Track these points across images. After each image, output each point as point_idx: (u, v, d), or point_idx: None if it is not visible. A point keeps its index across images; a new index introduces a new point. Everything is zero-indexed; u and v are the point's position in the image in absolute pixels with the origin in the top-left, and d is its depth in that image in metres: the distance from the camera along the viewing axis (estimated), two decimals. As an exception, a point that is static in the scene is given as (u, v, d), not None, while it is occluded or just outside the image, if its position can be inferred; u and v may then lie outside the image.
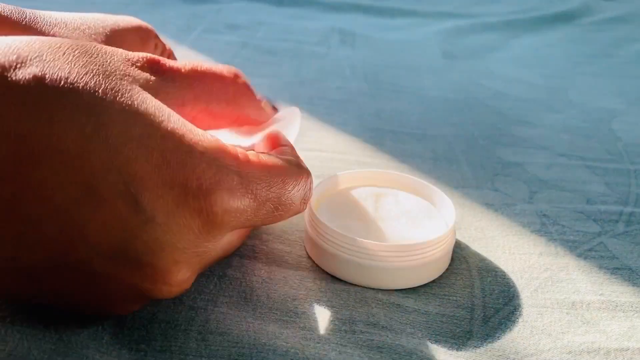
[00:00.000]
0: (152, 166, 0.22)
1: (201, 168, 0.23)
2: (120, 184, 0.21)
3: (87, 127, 0.21)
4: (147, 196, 0.22)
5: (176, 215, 0.23)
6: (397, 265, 0.31)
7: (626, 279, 0.34)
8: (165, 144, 0.22)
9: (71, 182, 0.21)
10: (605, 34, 0.88)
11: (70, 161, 0.21)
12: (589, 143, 0.52)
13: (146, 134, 0.22)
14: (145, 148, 0.22)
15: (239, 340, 0.27)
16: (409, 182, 0.38)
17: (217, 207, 0.24)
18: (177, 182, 0.22)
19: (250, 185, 0.25)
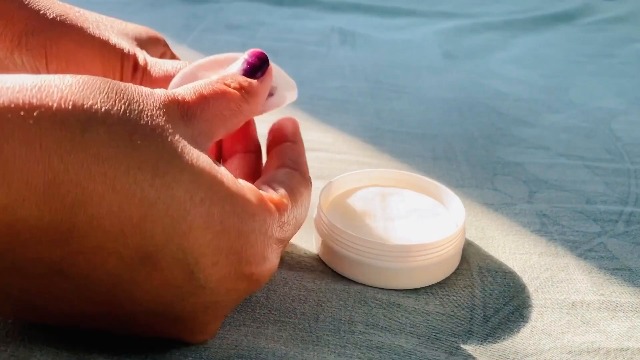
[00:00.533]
0: (212, 234, 0.22)
1: (254, 236, 0.24)
2: (178, 252, 0.21)
3: (150, 192, 0.20)
4: (204, 264, 0.22)
5: (227, 280, 0.23)
6: (410, 265, 0.31)
7: (626, 279, 0.34)
8: (224, 209, 0.22)
9: (128, 249, 0.20)
10: (605, 34, 0.88)
11: (130, 229, 0.20)
12: (589, 143, 0.52)
13: (208, 199, 0.22)
14: (207, 215, 0.22)
15: (238, 343, 0.27)
16: (414, 180, 0.38)
17: (265, 271, 0.25)
18: (233, 250, 0.23)
19: (286, 240, 0.27)
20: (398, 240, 0.33)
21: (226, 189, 0.23)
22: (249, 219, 0.23)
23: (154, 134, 0.21)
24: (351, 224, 0.34)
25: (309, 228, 0.37)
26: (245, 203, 0.23)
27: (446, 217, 0.35)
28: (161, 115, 0.22)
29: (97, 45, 0.30)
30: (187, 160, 0.22)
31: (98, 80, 0.22)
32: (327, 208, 0.35)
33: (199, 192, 0.22)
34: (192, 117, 0.24)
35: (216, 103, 0.26)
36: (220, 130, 0.26)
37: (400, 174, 0.39)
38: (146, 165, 0.20)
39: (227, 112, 0.26)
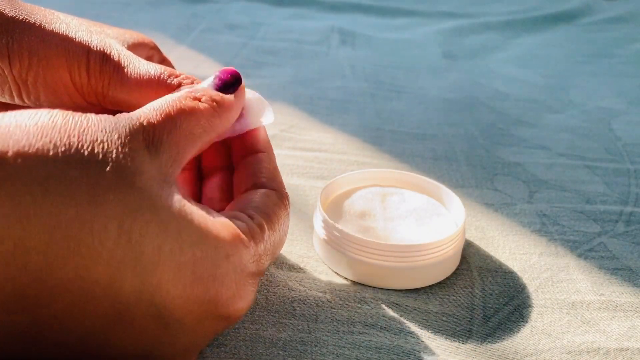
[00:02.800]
0: (183, 285, 0.21)
1: (229, 278, 0.23)
2: (151, 308, 0.20)
3: (117, 251, 0.19)
4: (178, 314, 0.21)
5: (204, 323, 0.23)
6: (410, 265, 0.31)
7: (626, 279, 0.34)
8: (195, 256, 0.21)
9: (99, 310, 0.20)
10: (605, 34, 0.88)
11: (99, 291, 0.19)
12: (589, 143, 0.52)
13: (177, 248, 0.21)
14: (177, 267, 0.21)
15: (236, 351, 0.27)
16: (413, 180, 0.38)
17: (242, 309, 0.24)
18: (207, 296, 0.22)
19: (263, 271, 0.25)
20: (398, 240, 0.33)
21: (197, 232, 0.21)
22: (223, 262, 0.22)
23: (118, 183, 0.20)
24: (351, 224, 0.34)
25: (309, 228, 0.37)
26: (219, 245, 0.22)
27: (446, 217, 0.35)
28: (126, 153, 0.21)
29: (61, 41, 0.28)
30: (154, 208, 0.20)
31: (58, 122, 0.20)
32: (327, 208, 0.35)
33: (167, 243, 0.20)
34: (159, 144, 0.22)
35: (185, 122, 0.24)
36: (190, 151, 0.24)
37: (400, 174, 0.38)
38: (111, 222, 0.19)
39: (197, 129, 0.24)
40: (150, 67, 0.28)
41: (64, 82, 0.28)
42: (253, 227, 0.24)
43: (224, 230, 0.23)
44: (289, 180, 0.42)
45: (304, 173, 0.44)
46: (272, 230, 0.25)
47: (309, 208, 0.39)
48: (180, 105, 0.24)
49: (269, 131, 0.50)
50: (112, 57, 0.28)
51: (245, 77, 0.30)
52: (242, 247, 0.23)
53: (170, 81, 0.28)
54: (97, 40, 0.28)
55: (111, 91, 0.28)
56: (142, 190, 0.20)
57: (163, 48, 0.72)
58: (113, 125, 0.21)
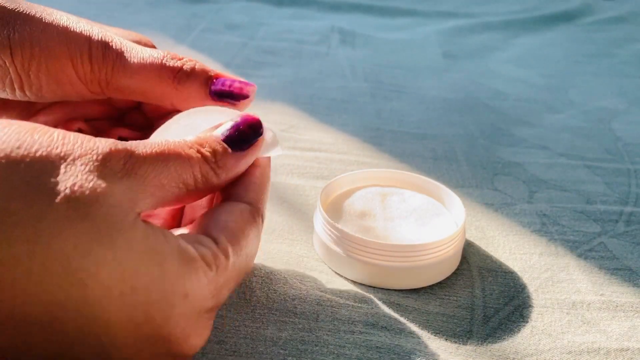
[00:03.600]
0: (133, 325, 0.20)
1: (184, 319, 0.21)
2: (97, 347, 0.19)
3: (59, 293, 0.18)
4: (127, 353, 0.20)
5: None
6: (410, 265, 0.31)
7: (626, 279, 0.34)
8: (149, 298, 0.20)
9: (39, 347, 0.18)
10: (605, 34, 0.88)
11: (38, 331, 0.18)
12: (589, 143, 0.52)
13: (129, 290, 0.19)
14: (127, 308, 0.19)
15: (237, 349, 0.27)
16: (413, 180, 0.38)
17: (197, 346, 0.23)
18: (158, 336, 0.21)
19: (220, 305, 0.24)
20: (398, 240, 0.33)
21: (155, 272, 0.20)
22: (180, 302, 0.21)
23: (68, 215, 0.18)
24: (351, 224, 0.34)
25: (309, 228, 0.37)
26: (177, 284, 0.21)
27: (446, 217, 0.35)
28: (90, 179, 0.19)
29: (62, 31, 0.27)
30: (109, 244, 0.19)
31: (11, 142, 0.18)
32: (327, 208, 0.35)
33: (119, 285, 0.19)
34: (141, 177, 0.21)
35: (178, 168, 0.22)
36: (173, 200, 0.23)
37: (400, 174, 0.38)
38: (53, 263, 0.18)
39: (188, 180, 0.23)
40: (152, 52, 0.28)
41: (66, 71, 0.28)
42: (218, 255, 0.23)
43: (185, 266, 0.21)
44: (289, 180, 0.42)
45: (304, 173, 0.44)
46: (237, 256, 0.24)
47: (309, 208, 0.39)
48: (178, 148, 0.23)
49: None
50: (113, 45, 0.28)
51: (245, 77, 0.30)
52: (203, 284, 0.22)
53: (173, 63, 0.28)
54: (98, 31, 0.28)
55: (114, 78, 0.28)
56: (98, 221, 0.19)
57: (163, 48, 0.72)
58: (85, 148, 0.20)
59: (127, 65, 0.28)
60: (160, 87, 0.28)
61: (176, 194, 0.22)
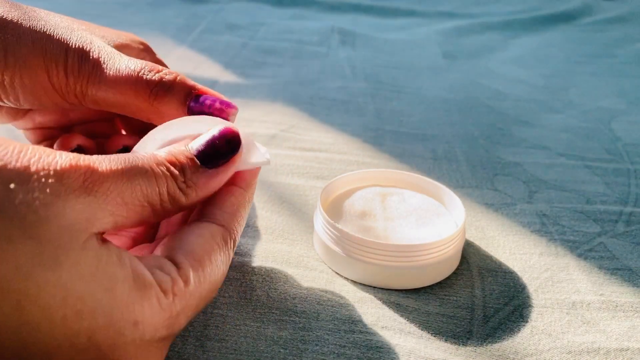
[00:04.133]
0: (75, 351, 0.19)
1: (133, 346, 0.20)
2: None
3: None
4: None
5: None
6: (410, 265, 0.31)
7: (626, 279, 0.34)
8: (95, 322, 0.19)
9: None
10: (605, 34, 0.88)
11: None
12: (589, 143, 0.52)
13: (74, 316, 0.18)
14: (70, 333, 0.19)
15: (237, 347, 0.27)
16: (413, 180, 0.38)
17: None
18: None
19: (177, 332, 0.23)
20: (398, 240, 0.33)
21: (104, 297, 0.19)
22: (128, 329, 0.20)
23: (10, 236, 0.17)
24: (351, 224, 0.34)
25: (309, 228, 0.37)
26: (127, 309, 0.20)
27: (446, 217, 0.35)
28: (41, 198, 0.18)
29: (38, 39, 0.26)
30: (55, 265, 0.18)
31: None
32: (327, 208, 0.35)
33: (62, 309, 0.18)
34: (102, 195, 0.20)
35: (142, 185, 0.21)
36: (137, 220, 0.21)
37: (400, 174, 0.39)
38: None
39: (154, 199, 0.22)
40: (130, 63, 0.27)
41: (42, 83, 0.27)
42: (177, 281, 0.22)
43: (138, 291, 0.20)
44: (289, 180, 0.42)
45: (304, 173, 0.44)
46: (199, 283, 0.22)
47: (309, 208, 0.39)
48: (146, 167, 0.21)
49: (269, 131, 0.50)
50: (91, 55, 0.27)
51: (245, 77, 0.30)
52: (157, 311, 0.21)
53: (150, 76, 0.26)
54: (77, 38, 0.27)
55: (90, 90, 0.27)
56: (43, 242, 0.18)
57: (163, 48, 0.72)
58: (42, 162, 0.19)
59: (103, 77, 0.27)
60: (136, 101, 0.26)
61: (140, 213, 0.21)
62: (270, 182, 0.42)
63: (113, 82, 0.26)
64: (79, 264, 0.18)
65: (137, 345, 0.20)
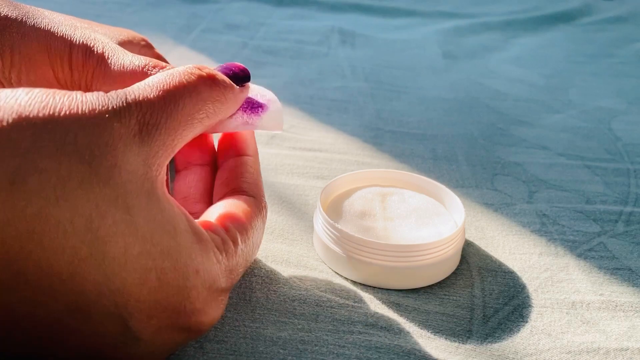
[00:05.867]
0: (147, 289, 0.20)
1: (196, 292, 0.22)
2: (111, 307, 0.20)
3: (82, 248, 0.19)
4: (138, 318, 0.21)
5: (163, 333, 0.22)
6: (410, 265, 0.31)
7: (626, 279, 0.34)
8: (163, 264, 0.21)
9: (56, 302, 0.19)
10: (605, 34, 0.88)
11: (58, 284, 0.19)
12: (589, 143, 0.52)
13: (146, 253, 0.20)
14: (143, 270, 0.20)
15: (237, 348, 0.27)
16: (413, 180, 0.38)
17: (206, 323, 0.23)
18: (170, 305, 0.21)
19: (231, 287, 0.25)
20: (398, 240, 0.33)
21: (169, 240, 0.21)
22: (192, 275, 0.21)
23: (91, 178, 0.19)
24: (351, 224, 0.34)
25: (309, 228, 0.37)
26: (190, 257, 0.21)
27: (446, 217, 0.35)
28: (108, 143, 0.19)
29: (42, 36, 0.27)
30: (126, 208, 0.19)
31: (35, 105, 0.19)
32: (327, 208, 0.35)
33: (135, 246, 0.20)
34: (154, 129, 0.21)
35: (188, 103, 0.22)
36: (187, 139, 0.23)
37: (400, 174, 0.39)
38: (79, 218, 0.19)
39: (201, 114, 0.23)
40: (134, 59, 0.27)
41: (47, 78, 0.27)
42: (227, 242, 0.24)
43: (197, 243, 0.22)
44: (289, 181, 0.42)
45: (304, 173, 0.44)
46: (245, 244, 0.25)
47: (309, 208, 0.39)
48: (185, 83, 0.22)
49: (269, 132, 0.50)
50: (95, 50, 0.27)
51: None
52: (214, 263, 0.23)
53: (155, 72, 0.27)
54: (80, 34, 0.28)
55: (95, 85, 0.27)
56: (117, 187, 0.19)
57: (163, 48, 0.72)
58: (101, 106, 0.20)
59: (108, 72, 0.27)
60: None
61: (188, 132, 0.22)
62: (270, 182, 0.42)
63: (117, 77, 0.27)
64: (146, 210, 0.20)
65: (199, 291, 0.22)
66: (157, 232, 0.20)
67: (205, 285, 0.22)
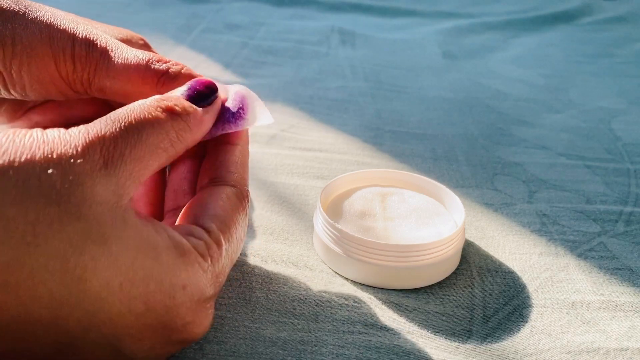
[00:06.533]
0: (134, 316, 0.20)
1: (184, 308, 0.22)
2: (99, 338, 0.20)
3: (60, 291, 0.18)
4: (129, 342, 0.20)
5: (157, 349, 0.22)
6: (410, 265, 0.31)
7: (626, 279, 0.34)
8: (148, 289, 0.20)
9: (43, 345, 0.19)
10: (605, 34, 0.88)
11: (41, 329, 0.18)
12: (589, 143, 0.52)
13: (128, 282, 0.20)
14: (127, 299, 0.20)
15: (236, 349, 0.27)
16: (413, 180, 0.38)
17: (199, 334, 0.23)
18: (160, 325, 0.21)
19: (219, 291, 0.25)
20: (398, 240, 0.33)
21: (151, 264, 0.20)
22: (178, 292, 0.21)
23: (61, 217, 0.18)
24: (351, 224, 0.34)
25: (309, 228, 0.37)
26: (174, 274, 0.21)
27: (446, 217, 0.35)
28: (74, 180, 0.19)
29: (45, 28, 0.27)
30: (103, 241, 0.19)
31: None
32: (327, 208, 0.35)
33: (117, 277, 0.19)
34: (119, 160, 0.21)
35: (152, 135, 0.22)
36: (153, 167, 0.22)
37: (400, 174, 0.39)
38: (53, 261, 0.18)
39: (164, 143, 0.23)
40: (138, 53, 0.27)
41: (49, 71, 0.27)
42: (211, 245, 0.23)
43: (180, 257, 0.22)
44: (289, 180, 0.42)
45: (304, 173, 0.44)
46: (229, 243, 0.24)
47: (309, 208, 0.39)
48: (146, 115, 0.22)
49: (269, 131, 0.50)
50: (98, 44, 0.27)
51: (245, 77, 0.30)
52: (200, 274, 0.22)
53: (158, 66, 0.27)
54: (83, 28, 0.28)
55: (98, 78, 0.27)
56: (89, 220, 0.19)
57: (163, 48, 0.72)
58: (63, 145, 0.20)
59: (111, 65, 0.27)
60: (143, 90, 0.27)
61: (153, 164, 0.22)
62: (270, 182, 0.42)
63: (121, 70, 0.27)
64: (124, 238, 0.20)
65: (187, 306, 0.22)
66: (138, 258, 0.20)
67: (194, 298, 0.22)
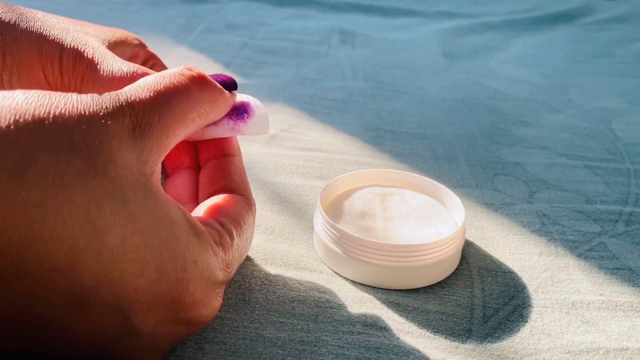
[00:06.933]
0: (146, 281, 0.21)
1: (194, 283, 0.22)
2: (111, 298, 0.20)
3: (80, 238, 0.19)
4: (138, 310, 0.21)
5: (163, 326, 0.22)
6: (410, 265, 0.31)
7: (626, 279, 0.34)
8: (161, 255, 0.21)
9: (55, 295, 0.19)
10: (605, 34, 0.88)
11: (57, 276, 0.19)
12: (589, 143, 0.52)
13: (143, 244, 0.20)
14: (142, 261, 0.20)
15: (236, 349, 0.27)
16: (413, 180, 0.38)
17: (205, 316, 0.24)
18: (170, 297, 0.21)
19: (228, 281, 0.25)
20: (398, 240, 0.33)
21: (166, 232, 0.21)
22: (190, 266, 0.22)
23: (88, 171, 0.19)
24: (351, 224, 0.34)
25: (309, 228, 0.37)
26: (187, 249, 0.22)
27: (446, 217, 0.35)
28: (103, 139, 0.20)
29: (34, 39, 0.28)
30: (123, 201, 0.20)
31: (33, 104, 0.19)
32: (327, 208, 0.35)
33: (133, 237, 0.20)
34: (147, 127, 0.21)
35: (180, 103, 0.23)
36: (179, 137, 0.23)
37: (400, 174, 0.39)
38: (77, 209, 0.19)
39: (192, 114, 0.23)
40: (123, 66, 0.28)
41: (38, 81, 0.28)
42: (224, 235, 0.24)
43: (195, 236, 0.22)
44: (289, 180, 0.42)
45: (304, 173, 0.44)
46: (240, 238, 0.26)
47: (309, 208, 0.39)
48: (176, 82, 0.23)
49: (269, 131, 0.50)
50: (85, 55, 0.28)
51: (245, 77, 0.30)
52: (211, 255, 0.23)
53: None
54: (71, 39, 0.28)
55: (85, 89, 0.28)
56: (113, 180, 0.20)
57: (163, 48, 0.72)
58: (95, 106, 0.20)
59: (97, 77, 0.28)
60: None
61: (181, 131, 0.23)
62: (270, 182, 0.42)
63: (106, 82, 0.28)
64: (142, 205, 0.20)
65: (197, 283, 0.22)
66: (155, 225, 0.21)
67: (204, 277, 0.23)
